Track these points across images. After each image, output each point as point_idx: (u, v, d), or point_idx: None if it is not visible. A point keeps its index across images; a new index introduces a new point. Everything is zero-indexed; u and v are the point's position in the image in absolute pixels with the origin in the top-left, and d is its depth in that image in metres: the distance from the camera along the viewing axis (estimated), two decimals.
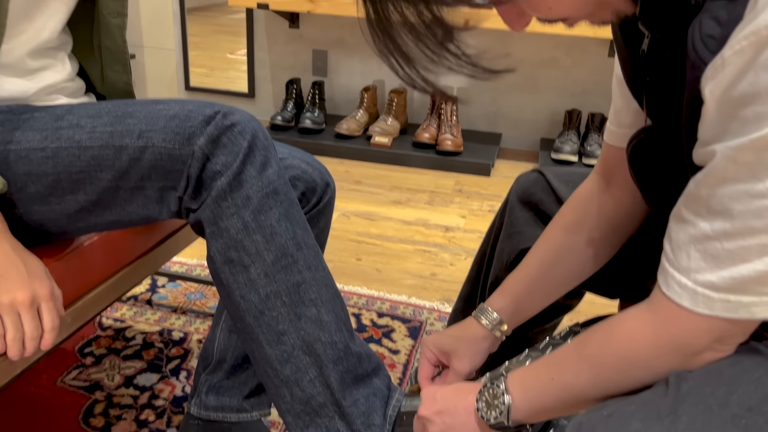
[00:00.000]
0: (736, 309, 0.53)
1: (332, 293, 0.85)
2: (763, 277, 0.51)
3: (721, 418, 0.54)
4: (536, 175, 1.02)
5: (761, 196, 0.49)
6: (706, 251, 0.53)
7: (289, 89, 2.89)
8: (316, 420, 0.85)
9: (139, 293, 1.65)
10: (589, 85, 2.75)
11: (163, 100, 0.83)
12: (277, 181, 0.81)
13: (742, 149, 0.49)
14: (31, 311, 0.74)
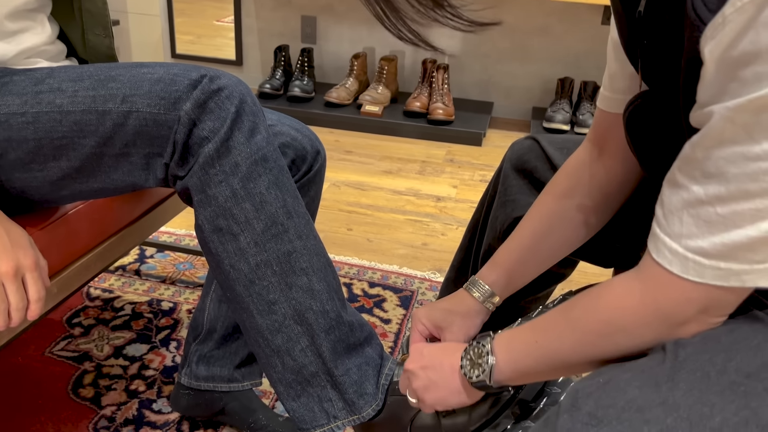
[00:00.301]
0: (726, 277, 0.53)
1: (323, 262, 0.83)
2: (755, 244, 0.50)
3: (719, 385, 0.54)
4: (531, 142, 1.00)
5: (757, 159, 0.48)
6: (698, 216, 0.53)
7: (278, 56, 2.83)
8: (308, 389, 0.84)
9: (128, 263, 1.63)
10: (581, 52, 2.72)
11: (147, 63, 0.80)
12: (266, 147, 0.78)
13: (740, 110, 0.48)
14: (15, 282, 0.72)
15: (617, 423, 0.53)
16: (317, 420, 0.85)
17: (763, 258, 0.51)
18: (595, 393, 0.56)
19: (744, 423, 0.52)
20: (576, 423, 0.55)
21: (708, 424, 0.52)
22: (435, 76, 2.68)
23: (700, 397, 0.54)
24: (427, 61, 2.72)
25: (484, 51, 2.80)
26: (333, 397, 0.84)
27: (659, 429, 0.53)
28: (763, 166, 0.48)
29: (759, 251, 0.51)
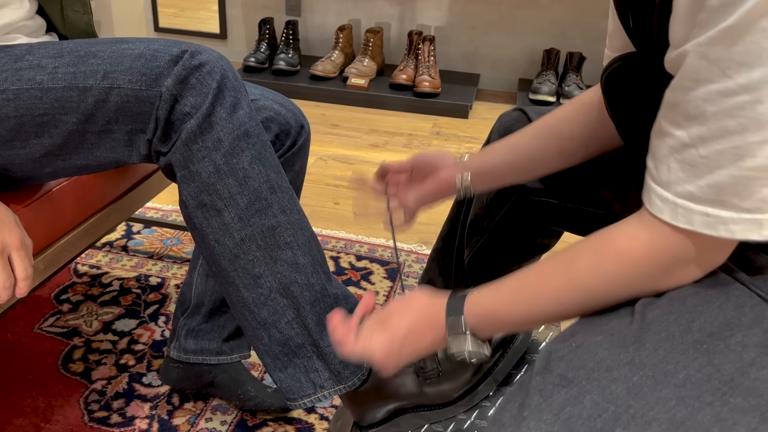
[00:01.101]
0: (715, 225, 0.53)
1: (308, 236, 0.84)
2: (739, 185, 0.50)
3: (683, 344, 0.56)
4: (518, 113, 1.01)
5: (733, 94, 0.48)
6: (684, 161, 0.53)
7: (262, 29, 2.81)
8: (295, 360, 0.86)
9: (115, 240, 1.63)
10: (567, 24, 2.71)
11: (128, 39, 0.80)
12: (248, 122, 0.79)
13: (711, 43, 0.48)
14: (1, 260, 0.73)
15: (587, 383, 0.56)
16: (304, 390, 0.87)
17: (751, 206, 0.51)
18: (567, 356, 0.58)
19: (707, 379, 0.54)
20: (547, 384, 0.57)
21: (672, 381, 0.54)
22: (421, 48, 2.67)
23: (665, 356, 0.56)
24: (413, 33, 2.70)
25: (471, 23, 2.78)
26: (319, 368, 0.86)
27: (626, 387, 0.55)
28: (738, 100, 0.48)
29: (745, 196, 0.51)
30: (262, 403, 1.14)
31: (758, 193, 0.50)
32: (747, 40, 0.46)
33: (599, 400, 0.54)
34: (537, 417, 0.55)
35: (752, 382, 0.54)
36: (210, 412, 1.17)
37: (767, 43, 0.46)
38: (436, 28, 2.83)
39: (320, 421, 1.16)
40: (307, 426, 1.15)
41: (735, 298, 0.58)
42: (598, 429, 0.53)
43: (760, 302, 0.57)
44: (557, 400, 0.55)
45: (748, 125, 0.48)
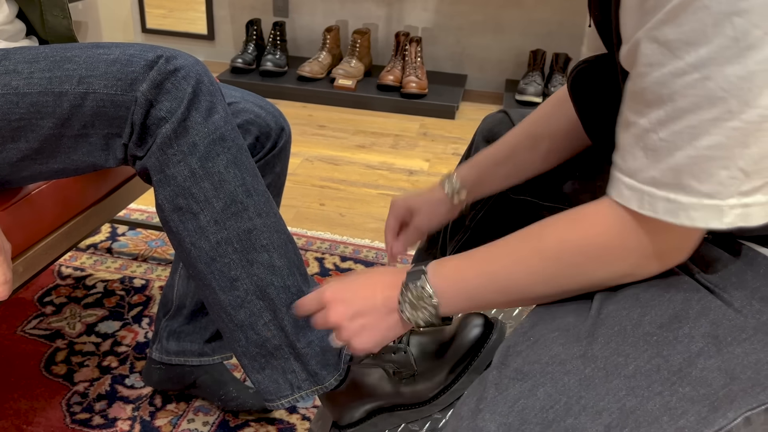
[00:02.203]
0: (676, 212, 0.52)
1: (284, 238, 0.85)
2: (697, 166, 0.50)
3: (633, 337, 0.58)
4: (502, 115, 1.03)
5: (683, 74, 0.48)
6: (647, 147, 0.53)
7: (250, 30, 2.81)
8: (272, 362, 0.87)
9: (99, 242, 1.63)
10: (553, 25, 2.73)
11: (103, 44, 0.80)
12: (223, 127, 0.79)
13: (658, 26, 0.49)
14: None
15: (541, 376, 0.57)
16: (281, 391, 0.87)
17: (709, 190, 0.51)
18: (524, 351, 0.60)
19: (656, 369, 0.56)
20: (503, 378, 0.59)
21: (623, 372, 0.56)
22: (408, 50, 2.68)
23: (616, 349, 0.57)
24: (400, 34, 2.71)
25: (457, 23, 2.80)
26: (296, 369, 0.87)
27: (578, 379, 0.57)
28: (688, 80, 0.48)
29: (703, 179, 0.50)
30: (244, 403, 1.15)
31: (716, 176, 0.50)
32: (691, 18, 0.46)
33: (552, 392, 0.56)
34: (492, 409, 0.57)
35: (700, 372, 0.56)
36: (192, 413, 1.17)
37: (710, 19, 0.46)
38: (423, 29, 2.84)
39: (302, 421, 1.17)
40: (289, 426, 1.16)
41: (683, 291, 0.60)
42: (551, 420, 0.55)
43: (706, 294, 0.59)
44: (512, 393, 0.57)
45: (700, 103, 0.48)
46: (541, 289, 0.63)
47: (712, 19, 0.45)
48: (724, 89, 0.47)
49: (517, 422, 0.55)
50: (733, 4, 0.44)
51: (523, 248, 0.63)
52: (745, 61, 0.46)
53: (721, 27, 0.45)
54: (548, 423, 0.55)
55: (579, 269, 0.60)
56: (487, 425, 0.56)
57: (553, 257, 0.61)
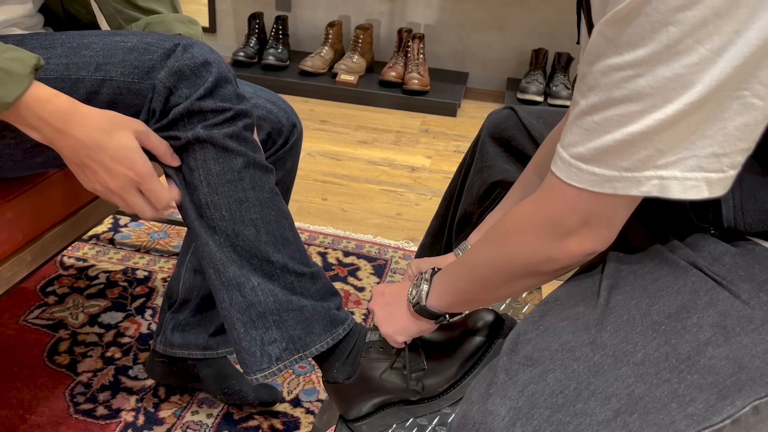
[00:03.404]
0: (600, 183, 0.56)
1: (277, 215, 0.84)
2: (620, 148, 0.55)
3: (642, 326, 0.59)
4: (508, 112, 1.02)
5: (620, 69, 0.53)
6: (582, 126, 0.57)
7: (252, 24, 2.80)
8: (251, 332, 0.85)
9: (101, 232, 1.63)
10: (556, 24, 2.73)
11: (120, 32, 0.80)
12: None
13: (607, 23, 0.53)
14: (137, 197, 0.76)
15: (550, 362, 0.58)
16: (258, 364, 0.86)
17: (630, 166, 0.55)
18: (533, 339, 0.61)
19: (664, 357, 0.57)
20: (513, 364, 0.60)
21: (631, 360, 0.57)
22: (410, 46, 2.68)
23: (625, 337, 0.59)
24: (403, 31, 2.71)
25: (460, 21, 2.80)
26: (277, 338, 0.85)
27: (587, 365, 0.57)
28: (624, 74, 0.53)
29: (625, 157, 0.55)
30: (247, 397, 1.15)
31: (636, 154, 0.54)
32: (634, 22, 0.51)
33: (561, 378, 0.57)
34: (502, 394, 0.58)
35: (708, 360, 0.57)
36: (196, 405, 1.17)
37: (649, 26, 0.50)
38: (425, 26, 2.84)
39: (306, 414, 1.17)
40: (293, 419, 1.16)
41: (691, 283, 0.61)
42: (560, 404, 0.56)
43: (714, 286, 0.61)
44: (522, 379, 0.58)
45: (631, 96, 0.53)
46: (490, 274, 0.69)
47: (650, 26, 0.50)
48: (652, 87, 0.52)
49: (527, 406, 0.56)
50: (670, 15, 0.49)
51: (480, 240, 0.73)
52: (673, 65, 0.51)
53: (658, 34, 0.50)
54: (558, 407, 0.56)
55: (507, 251, 0.66)
56: (497, 409, 0.57)
57: (491, 241, 0.69)
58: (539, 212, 0.62)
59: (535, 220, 0.63)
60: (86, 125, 0.72)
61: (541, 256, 0.63)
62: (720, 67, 0.50)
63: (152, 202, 0.77)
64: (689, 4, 0.48)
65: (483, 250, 0.70)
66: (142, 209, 0.77)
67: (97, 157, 0.72)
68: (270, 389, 1.16)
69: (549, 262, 0.63)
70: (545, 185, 0.62)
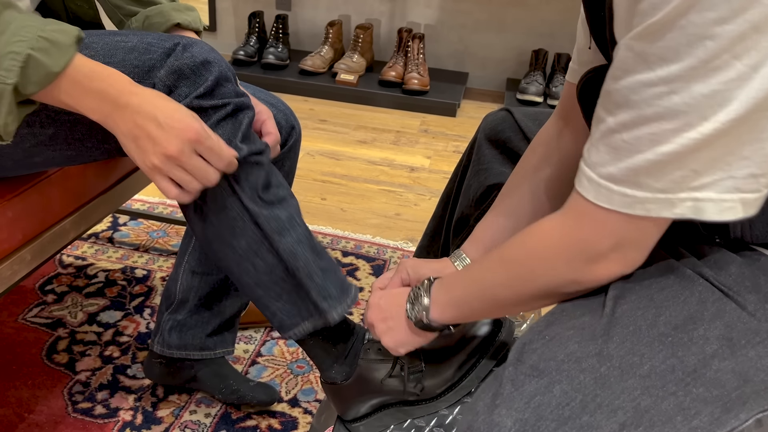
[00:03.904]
0: (632, 204, 0.56)
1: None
2: (654, 168, 0.54)
3: (649, 337, 0.59)
4: (504, 114, 1.02)
5: (652, 85, 0.51)
6: (610, 145, 0.56)
7: (252, 23, 2.80)
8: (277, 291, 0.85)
9: (100, 231, 1.63)
10: (556, 25, 2.73)
11: (121, 32, 0.80)
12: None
13: (637, 38, 0.52)
14: (195, 160, 0.72)
15: (557, 373, 0.58)
16: (293, 319, 0.86)
17: (664, 187, 0.54)
18: (539, 349, 0.61)
19: (671, 370, 0.57)
20: (519, 374, 0.59)
21: (638, 372, 0.57)
22: (410, 46, 2.68)
23: (631, 348, 0.58)
24: (403, 31, 2.71)
25: (460, 21, 2.80)
26: (302, 298, 0.85)
27: (594, 377, 0.57)
28: (656, 91, 0.51)
29: (659, 178, 0.54)
30: (245, 397, 1.15)
31: (670, 175, 0.53)
32: (667, 36, 0.50)
33: (568, 390, 0.57)
34: (509, 405, 0.57)
35: (714, 374, 0.57)
36: (194, 405, 1.17)
37: (684, 39, 0.49)
38: (426, 25, 2.84)
39: (304, 414, 1.17)
40: (291, 419, 1.16)
41: (698, 293, 0.61)
42: (566, 417, 0.56)
43: (721, 297, 0.60)
44: (528, 390, 0.58)
45: (664, 114, 0.52)
46: (506, 294, 0.68)
47: (686, 40, 0.49)
48: (687, 104, 0.50)
49: (533, 418, 0.56)
50: (707, 29, 0.48)
51: (493, 257, 0.70)
52: (710, 81, 0.49)
53: (694, 48, 0.49)
54: (564, 420, 0.56)
55: (529, 272, 0.65)
56: (503, 420, 0.57)
57: (511, 262, 0.67)
58: (566, 236, 0.61)
59: (562, 243, 0.62)
60: (142, 94, 0.71)
61: (566, 279, 0.63)
62: (757, 83, 0.49)
63: (214, 162, 0.74)
64: (728, 17, 0.47)
65: (500, 271, 0.68)
66: (205, 172, 0.73)
67: (154, 122, 0.70)
68: (268, 389, 1.17)
69: (573, 284, 0.63)
70: (571, 206, 0.61)
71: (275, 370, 1.27)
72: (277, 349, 1.31)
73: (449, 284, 0.75)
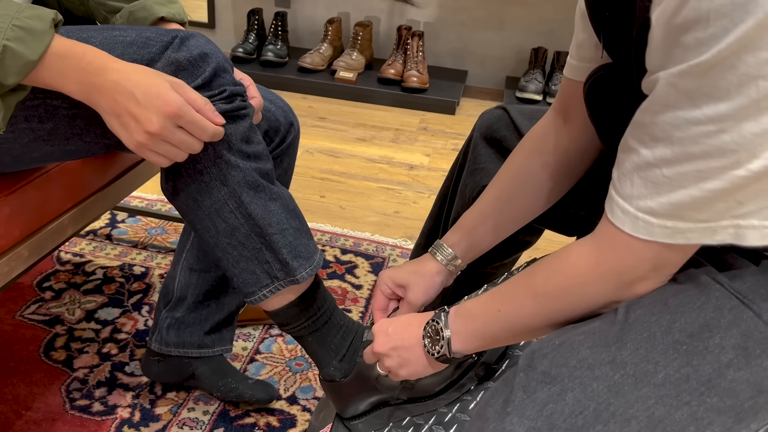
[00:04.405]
0: (673, 235, 0.56)
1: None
2: (698, 203, 0.54)
3: (663, 344, 0.58)
4: (500, 112, 1.02)
5: (698, 123, 0.51)
6: (647, 178, 0.56)
7: (251, 20, 2.79)
8: (244, 252, 0.85)
9: (99, 228, 1.62)
10: (555, 23, 2.73)
11: (119, 26, 0.79)
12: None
13: (682, 75, 0.51)
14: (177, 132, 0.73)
15: (569, 380, 0.57)
16: (261, 281, 0.86)
17: (707, 217, 0.54)
18: (550, 354, 0.60)
19: (685, 379, 0.56)
20: (531, 381, 0.58)
21: (652, 380, 0.56)
22: (410, 44, 2.67)
23: (645, 356, 0.57)
24: (402, 28, 2.70)
25: (460, 19, 2.79)
26: (269, 259, 0.85)
27: (607, 385, 0.56)
28: (704, 129, 0.51)
29: (703, 210, 0.54)
30: (243, 394, 1.14)
31: (714, 207, 0.54)
32: (717, 75, 0.49)
33: (581, 398, 0.56)
34: (520, 413, 0.56)
35: (729, 383, 0.56)
36: (192, 402, 1.17)
37: (736, 79, 0.48)
38: (425, 23, 2.83)
39: (302, 412, 1.17)
40: (290, 417, 1.16)
41: (715, 300, 0.60)
42: (579, 426, 0.55)
43: (738, 304, 0.59)
44: (540, 397, 0.57)
45: (711, 152, 0.51)
46: (538, 323, 0.68)
47: (737, 80, 0.48)
48: (737, 143, 0.50)
49: (545, 427, 0.55)
50: (760, 68, 0.47)
51: (519, 289, 0.69)
52: (762, 119, 0.49)
53: (746, 88, 0.48)
54: (577, 429, 0.55)
55: (565, 303, 0.65)
56: (515, 429, 0.56)
57: (541, 295, 0.66)
58: (603, 263, 0.61)
59: (597, 272, 0.61)
60: (121, 70, 0.71)
61: (605, 301, 0.63)
62: None
63: (197, 135, 0.74)
64: None
65: (530, 304, 0.67)
66: (189, 144, 0.74)
67: (132, 100, 0.70)
68: (266, 387, 1.16)
69: (610, 305, 0.63)
70: (604, 236, 0.61)
71: (274, 367, 1.26)
72: (275, 346, 1.31)
73: (469, 315, 0.73)
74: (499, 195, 0.90)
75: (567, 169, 0.86)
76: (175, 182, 0.83)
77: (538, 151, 0.88)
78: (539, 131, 0.89)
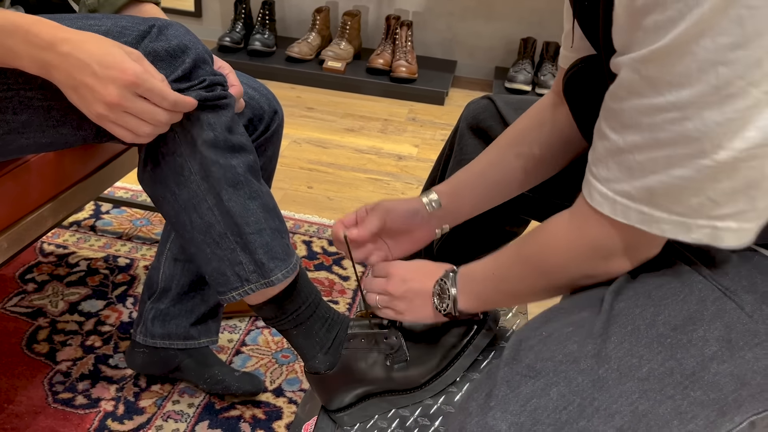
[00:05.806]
0: (649, 223, 0.56)
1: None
2: (670, 191, 0.53)
3: (647, 338, 0.58)
4: (486, 102, 1.01)
5: (663, 110, 0.50)
6: (621, 163, 0.56)
7: (238, 9, 2.76)
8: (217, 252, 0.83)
9: (82, 219, 1.60)
10: (545, 13, 2.72)
11: (94, 15, 0.78)
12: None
13: (644, 61, 0.51)
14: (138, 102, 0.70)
15: (554, 375, 0.56)
16: (230, 283, 0.84)
17: (682, 211, 0.54)
18: (536, 346, 0.59)
19: (669, 373, 0.56)
20: (515, 375, 0.58)
21: (636, 375, 0.56)
22: (398, 33, 2.66)
23: (629, 350, 0.57)
24: (391, 18, 2.68)
25: (449, 9, 2.77)
26: (243, 260, 0.83)
27: (592, 379, 0.56)
28: (669, 116, 0.50)
29: (676, 201, 0.54)
30: (229, 386, 1.14)
31: (686, 201, 0.53)
32: (676, 61, 0.48)
33: (565, 392, 0.55)
34: (503, 407, 0.56)
35: (712, 377, 0.56)
36: (177, 395, 1.16)
37: (695, 65, 0.47)
38: (414, 13, 2.81)
39: (288, 404, 1.16)
40: (276, 409, 1.15)
41: (698, 292, 0.59)
42: (563, 421, 0.54)
43: (721, 296, 0.59)
44: (524, 392, 0.56)
45: (677, 139, 0.51)
46: (524, 288, 0.71)
47: (697, 66, 0.47)
48: (700, 131, 0.49)
49: (529, 422, 0.55)
50: (721, 55, 0.46)
51: (508, 254, 0.73)
52: (724, 108, 0.48)
53: (706, 74, 0.47)
54: (561, 424, 0.54)
55: (543, 271, 0.67)
56: (497, 424, 0.55)
57: (524, 261, 0.69)
58: (581, 238, 0.62)
59: (574, 246, 0.63)
60: (73, 39, 0.69)
61: (580, 274, 0.64)
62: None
63: (157, 102, 0.71)
64: (743, 42, 0.45)
65: (516, 267, 0.70)
66: (151, 114, 0.71)
67: (88, 70, 0.68)
68: (253, 379, 1.15)
69: (586, 279, 0.64)
70: (583, 213, 0.61)
71: (260, 359, 1.25)
72: (261, 338, 1.30)
73: (471, 276, 0.76)
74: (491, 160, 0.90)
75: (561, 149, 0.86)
76: (153, 171, 0.82)
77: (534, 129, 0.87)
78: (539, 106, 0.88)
